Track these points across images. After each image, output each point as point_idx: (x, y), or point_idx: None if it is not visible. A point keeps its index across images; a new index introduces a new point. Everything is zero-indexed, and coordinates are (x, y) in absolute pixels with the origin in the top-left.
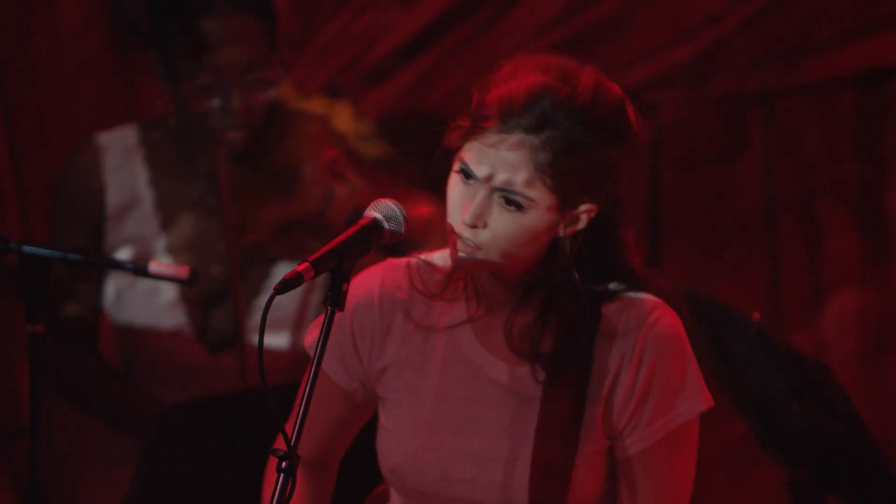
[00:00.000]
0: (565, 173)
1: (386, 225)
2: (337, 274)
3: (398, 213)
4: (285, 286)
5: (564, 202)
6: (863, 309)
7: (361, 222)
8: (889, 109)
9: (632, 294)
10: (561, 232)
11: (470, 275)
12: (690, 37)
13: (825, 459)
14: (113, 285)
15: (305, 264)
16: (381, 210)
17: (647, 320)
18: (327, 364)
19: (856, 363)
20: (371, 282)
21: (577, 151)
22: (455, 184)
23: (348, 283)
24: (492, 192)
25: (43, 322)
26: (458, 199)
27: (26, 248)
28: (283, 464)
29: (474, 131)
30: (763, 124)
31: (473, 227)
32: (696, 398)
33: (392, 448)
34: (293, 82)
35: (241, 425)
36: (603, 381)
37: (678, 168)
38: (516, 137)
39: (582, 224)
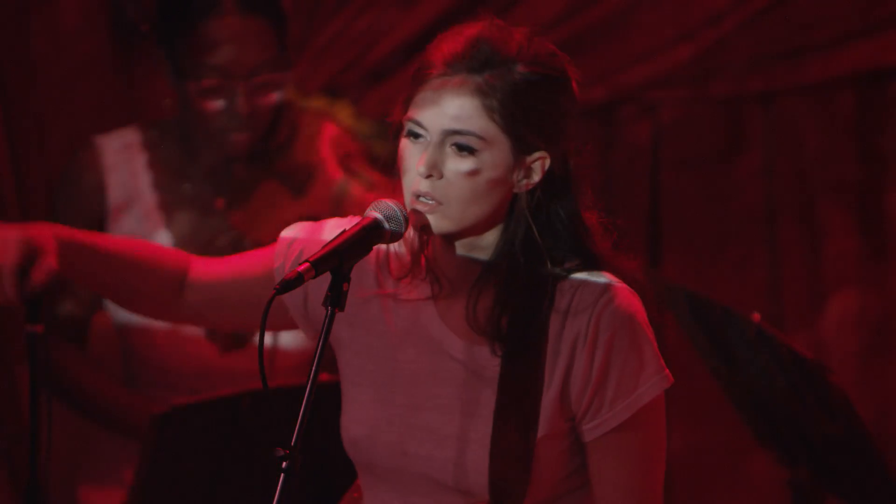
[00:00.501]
0: (513, 111)
1: (386, 225)
2: (337, 274)
3: (399, 213)
4: (285, 286)
5: (517, 145)
6: (863, 309)
7: (362, 223)
8: (889, 109)
9: (587, 274)
10: (516, 184)
11: (428, 258)
12: (691, 37)
13: (825, 459)
14: None
15: (306, 264)
16: (382, 210)
17: (599, 300)
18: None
19: (856, 363)
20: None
21: (520, 88)
22: (405, 149)
23: (349, 283)
24: (443, 139)
25: (43, 322)
26: (411, 159)
27: None
28: (284, 464)
29: (418, 81)
30: (763, 124)
31: (429, 176)
32: (656, 377)
33: (352, 418)
34: (294, 82)
35: (243, 425)
36: (556, 362)
37: (678, 168)
38: (460, 77)
39: (537, 175)
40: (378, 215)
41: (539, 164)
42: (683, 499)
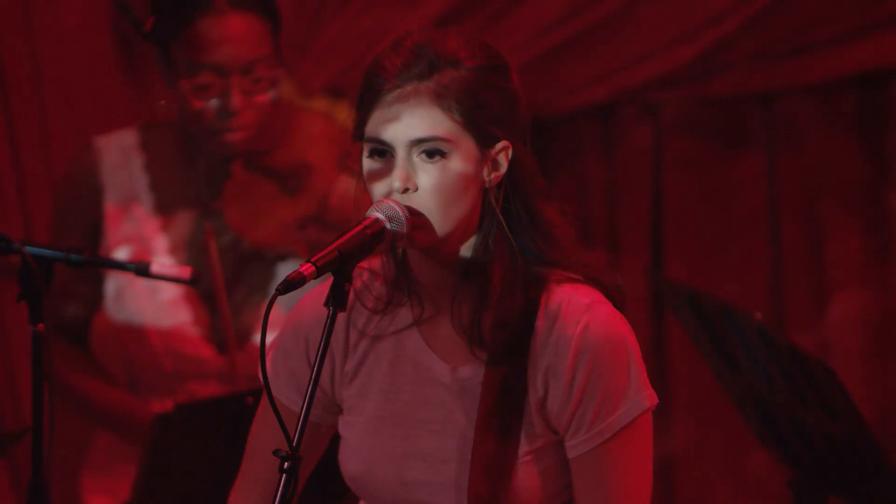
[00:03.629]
0: (469, 104)
1: (388, 225)
2: (339, 274)
3: (400, 214)
4: (288, 287)
5: (480, 139)
6: (865, 309)
7: (363, 223)
8: (892, 109)
9: (567, 287)
10: (486, 180)
11: (408, 280)
12: (693, 37)
13: (827, 460)
14: (112, 284)
15: (307, 264)
16: (384, 210)
17: (582, 318)
18: (287, 398)
19: (858, 363)
20: (319, 300)
21: (471, 83)
22: (370, 169)
23: (350, 283)
24: (409, 150)
25: (45, 322)
26: (380, 178)
27: (28, 249)
28: (285, 464)
29: (370, 105)
30: (765, 124)
31: (405, 190)
32: (638, 397)
33: (349, 456)
34: (296, 82)
35: (244, 426)
36: (537, 377)
37: (680, 168)
38: (412, 87)
39: (503, 166)
40: (380, 215)
41: (503, 154)
42: (685, 498)
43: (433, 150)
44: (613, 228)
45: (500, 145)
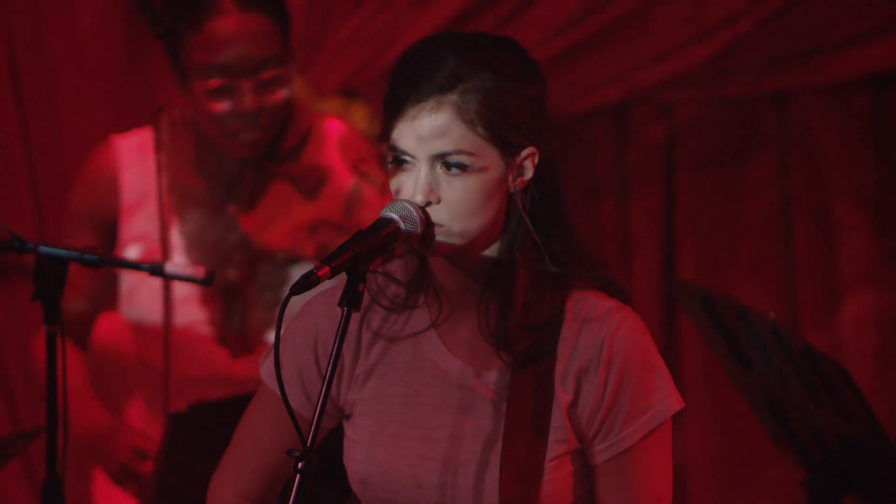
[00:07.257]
0: (493, 116)
1: (402, 225)
2: (353, 274)
3: (414, 214)
4: (302, 287)
5: (505, 149)
6: (878, 309)
7: (377, 223)
8: None
9: (591, 293)
10: (511, 186)
11: (428, 281)
12: (706, 37)
13: (841, 460)
14: (125, 283)
15: (322, 264)
16: (398, 210)
17: (612, 322)
18: (292, 397)
19: (872, 363)
20: (331, 300)
21: (494, 91)
22: (393, 177)
23: (364, 283)
24: (432, 163)
25: (60, 321)
26: (403, 186)
27: (42, 249)
28: (299, 464)
29: (393, 114)
30: (779, 125)
31: (427, 203)
32: (667, 400)
33: (360, 459)
34: (309, 83)
35: None
36: (566, 381)
37: (693, 168)
38: (433, 100)
39: (529, 172)
40: (394, 216)
41: (529, 160)
42: (700, 500)
43: (455, 162)
44: (626, 228)
45: (525, 152)
